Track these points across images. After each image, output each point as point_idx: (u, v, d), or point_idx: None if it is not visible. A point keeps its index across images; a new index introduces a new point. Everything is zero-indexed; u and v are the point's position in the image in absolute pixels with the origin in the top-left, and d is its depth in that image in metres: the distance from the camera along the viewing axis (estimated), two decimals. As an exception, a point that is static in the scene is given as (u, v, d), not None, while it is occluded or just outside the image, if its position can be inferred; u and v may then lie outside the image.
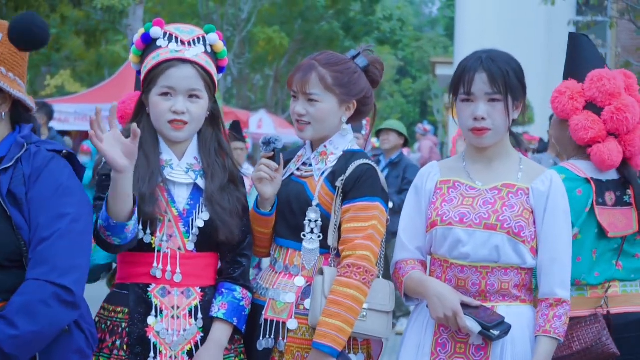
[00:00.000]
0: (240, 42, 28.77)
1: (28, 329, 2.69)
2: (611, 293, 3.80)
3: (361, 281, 3.21)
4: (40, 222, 2.79)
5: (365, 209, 3.29)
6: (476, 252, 3.24)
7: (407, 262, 3.40)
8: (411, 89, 54.38)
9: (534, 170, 3.37)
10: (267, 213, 3.41)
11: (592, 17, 12.30)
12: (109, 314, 3.29)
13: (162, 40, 3.29)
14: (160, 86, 3.25)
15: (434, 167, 3.47)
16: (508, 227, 3.22)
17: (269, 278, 3.44)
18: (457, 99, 3.32)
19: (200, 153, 3.36)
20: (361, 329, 3.28)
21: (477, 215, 3.25)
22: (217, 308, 3.29)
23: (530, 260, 3.27)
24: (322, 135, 3.43)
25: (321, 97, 3.36)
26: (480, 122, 3.26)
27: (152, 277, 3.25)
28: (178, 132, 3.27)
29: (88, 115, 14.94)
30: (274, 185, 3.39)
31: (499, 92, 3.24)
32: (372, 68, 3.47)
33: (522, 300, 3.31)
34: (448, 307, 3.19)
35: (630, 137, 3.84)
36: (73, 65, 30.65)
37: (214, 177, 3.32)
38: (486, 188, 3.32)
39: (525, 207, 3.27)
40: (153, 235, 3.24)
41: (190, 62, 3.28)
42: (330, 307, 3.19)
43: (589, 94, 3.88)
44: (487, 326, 3.14)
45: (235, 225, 3.32)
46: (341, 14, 31.24)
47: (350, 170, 3.32)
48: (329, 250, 3.33)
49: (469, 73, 3.26)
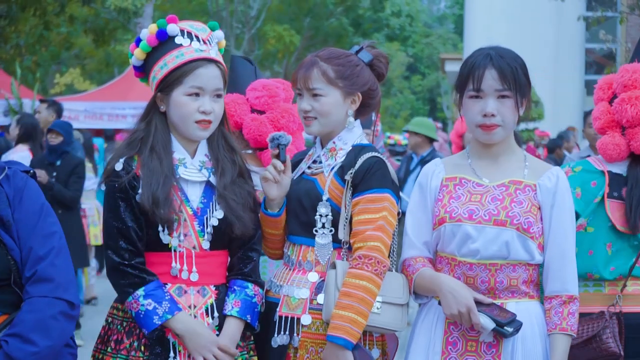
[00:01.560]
0: (249, 39, 28.78)
1: (45, 344, 2.86)
2: (632, 291, 3.76)
3: (373, 272, 3.21)
4: (33, 242, 2.92)
5: (375, 200, 3.29)
6: (486, 248, 3.24)
7: (417, 260, 3.39)
8: (420, 86, 54.26)
9: (539, 167, 3.37)
10: (275, 214, 3.42)
11: (602, 13, 12.28)
12: (125, 314, 3.28)
13: (182, 38, 3.27)
14: (189, 86, 3.24)
15: (438, 164, 3.45)
16: (517, 223, 3.22)
17: (282, 275, 3.44)
18: (465, 95, 3.31)
19: (210, 150, 3.37)
20: (376, 322, 3.27)
21: (486, 212, 3.25)
22: (230, 306, 3.30)
23: (538, 256, 3.27)
24: (329, 130, 3.43)
25: (324, 91, 3.37)
26: (490, 118, 3.25)
27: (169, 277, 3.26)
28: (204, 131, 3.29)
29: (98, 113, 14.99)
30: (280, 187, 3.39)
31: (509, 89, 3.24)
32: (376, 62, 3.48)
33: (530, 296, 3.31)
34: (462, 303, 3.18)
35: (633, 131, 3.77)
36: (82, 63, 30.72)
37: (224, 173, 3.33)
38: (493, 185, 3.32)
39: (533, 203, 3.27)
40: (170, 235, 3.25)
41: (215, 61, 3.29)
42: (342, 299, 3.19)
43: (614, 86, 3.87)
44: (501, 323, 3.14)
45: (249, 219, 3.33)
46: (350, 11, 31.23)
47: (359, 163, 3.32)
48: (341, 244, 3.34)
49: (479, 69, 3.25)
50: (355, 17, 31.73)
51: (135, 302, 3.17)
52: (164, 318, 3.15)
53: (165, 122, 3.32)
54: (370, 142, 3.56)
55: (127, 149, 3.29)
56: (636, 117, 3.73)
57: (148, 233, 3.24)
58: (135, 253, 3.21)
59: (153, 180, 3.19)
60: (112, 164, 3.25)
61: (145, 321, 3.16)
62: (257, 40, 29.51)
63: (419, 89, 54.80)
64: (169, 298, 3.19)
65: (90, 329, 8.18)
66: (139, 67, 3.38)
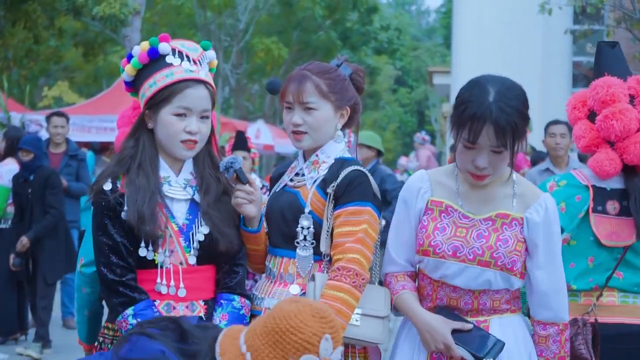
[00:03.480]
0: (238, 52, 28.80)
1: None
2: (608, 302, 3.78)
3: (351, 284, 3.20)
4: None
5: (355, 213, 3.29)
6: (467, 285, 3.23)
7: (397, 278, 3.38)
8: (408, 98, 54.40)
9: (528, 196, 3.29)
10: (255, 230, 3.42)
11: (589, 26, 12.34)
12: (115, 333, 3.31)
13: (173, 57, 3.28)
14: (177, 106, 3.25)
15: (424, 180, 3.36)
16: (502, 264, 3.20)
17: (264, 288, 3.44)
18: (459, 138, 3.18)
19: (195, 168, 3.38)
20: (355, 334, 3.26)
21: (471, 250, 3.21)
22: (218, 320, 3.30)
23: (517, 284, 3.28)
24: (319, 144, 3.44)
25: (318, 105, 3.38)
26: (482, 170, 3.19)
27: (156, 294, 3.27)
28: (189, 151, 3.30)
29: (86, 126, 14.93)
30: (256, 204, 3.38)
31: (505, 146, 3.13)
32: (355, 76, 3.50)
33: (512, 310, 3.32)
34: (439, 341, 3.19)
35: (624, 144, 3.80)
36: (71, 76, 30.68)
37: (208, 191, 3.34)
38: (480, 218, 3.27)
39: (518, 239, 3.23)
40: (155, 252, 3.25)
41: (204, 82, 3.30)
42: None
43: (589, 102, 3.89)
44: (480, 356, 3.15)
45: (234, 235, 3.34)
46: (338, 24, 31.27)
47: (342, 176, 3.33)
48: (322, 257, 3.33)
49: (477, 123, 3.09)
50: (343, 31, 31.77)
51: (124, 321, 3.18)
52: None
53: (153, 139, 3.33)
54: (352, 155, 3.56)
55: (116, 167, 3.30)
56: (624, 130, 3.76)
57: (136, 250, 3.25)
58: (127, 269, 3.22)
59: (139, 196, 3.20)
60: (102, 183, 3.26)
61: None
62: (246, 53, 29.52)
63: (406, 102, 54.93)
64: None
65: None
66: (129, 83, 3.39)
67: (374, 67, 35.95)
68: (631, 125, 3.77)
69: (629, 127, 3.76)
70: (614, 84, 3.83)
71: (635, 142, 3.78)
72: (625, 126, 3.76)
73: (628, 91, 3.85)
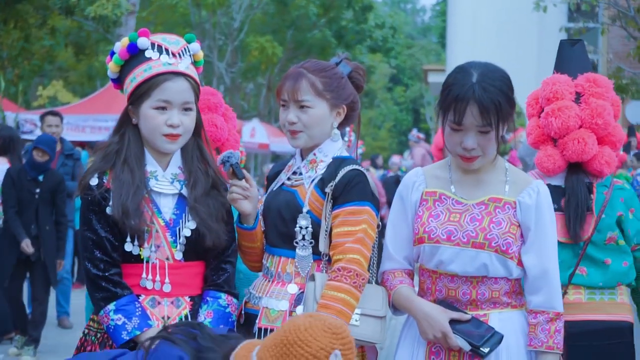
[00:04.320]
0: (232, 51, 28.78)
1: None
2: (574, 299, 3.79)
3: (352, 284, 3.20)
4: None
5: (354, 213, 3.28)
6: (464, 270, 3.23)
7: (395, 274, 3.39)
8: (404, 97, 54.42)
9: (520, 182, 3.32)
10: (250, 227, 3.41)
11: (584, 24, 12.35)
12: (99, 326, 3.31)
13: (152, 51, 3.29)
14: (156, 100, 3.26)
15: (419, 174, 3.41)
16: (496, 245, 3.20)
17: (261, 287, 3.43)
18: (446, 120, 3.22)
19: (183, 162, 3.37)
20: (355, 334, 3.21)
21: (465, 233, 3.22)
22: (203, 317, 3.31)
23: (516, 272, 3.26)
24: (314, 143, 3.43)
25: (313, 103, 3.37)
26: (470, 151, 3.21)
27: (141, 289, 3.27)
28: (172, 144, 3.30)
29: (80, 125, 14.92)
30: (251, 200, 3.38)
31: (490, 125, 3.16)
32: (354, 74, 3.49)
33: (512, 306, 3.30)
34: (437, 329, 3.19)
35: (564, 141, 3.85)
36: (65, 75, 30.64)
37: (196, 185, 3.34)
38: (473, 203, 3.28)
39: (512, 222, 3.24)
40: (141, 246, 3.25)
41: (183, 74, 3.30)
42: (320, 311, 3.17)
43: (540, 100, 3.96)
44: (477, 345, 3.14)
45: (222, 231, 3.34)
46: (333, 22, 31.25)
47: (340, 176, 3.32)
48: (321, 256, 3.33)
49: (461, 103, 3.14)
50: (338, 29, 31.75)
51: (106, 316, 3.19)
52: (133, 334, 3.17)
53: (138, 134, 3.34)
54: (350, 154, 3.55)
55: (102, 162, 3.31)
56: (562, 127, 3.81)
57: (122, 245, 3.25)
58: (110, 264, 3.23)
59: (123, 191, 3.21)
60: (88, 178, 3.27)
61: (115, 336, 3.18)
62: (240, 52, 29.51)
63: (402, 100, 54.92)
64: (140, 314, 3.20)
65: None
66: (116, 80, 3.40)
67: (369, 66, 35.93)
68: (569, 122, 3.80)
69: (567, 124, 3.80)
70: (559, 81, 3.88)
71: (574, 138, 3.82)
72: (563, 123, 3.81)
73: (575, 89, 3.88)
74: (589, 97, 3.87)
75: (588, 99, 3.87)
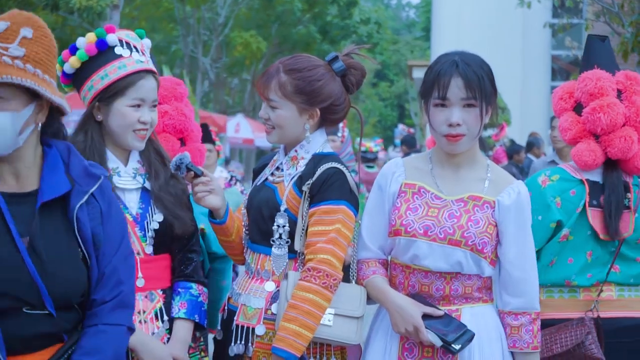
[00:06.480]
0: (217, 46, 28.74)
1: None
2: (606, 297, 3.78)
3: (321, 285, 3.17)
4: (118, 262, 2.70)
5: (329, 212, 3.25)
6: (438, 266, 3.21)
7: (369, 264, 3.36)
8: (389, 92, 54.47)
9: (501, 181, 3.31)
10: (221, 221, 3.41)
11: (568, 20, 12.38)
12: None
13: (122, 48, 3.28)
14: (132, 98, 3.27)
15: (399, 165, 3.39)
16: (472, 244, 3.18)
17: (242, 283, 3.42)
18: (430, 102, 3.23)
19: (141, 156, 3.39)
20: (327, 335, 3.23)
21: (442, 230, 3.20)
22: (177, 308, 3.33)
23: (488, 272, 3.26)
24: (288, 140, 3.40)
25: (279, 104, 3.33)
26: (456, 128, 3.19)
27: None
28: (141, 141, 3.32)
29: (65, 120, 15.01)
30: (216, 193, 3.38)
31: (475, 97, 3.17)
32: (347, 73, 3.42)
33: (484, 300, 3.29)
34: (409, 322, 3.17)
35: (609, 137, 3.80)
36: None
37: (158, 175, 3.37)
38: (452, 199, 3.26)
39: (490, 221, 3.23)
40: None
41: (152, 72, 3.33)
42: (289, 311, 3.16)
43: (576, 94, 3.89)
44: (448, 341, 3.12)
45: (187, 217, 3.37)
46: (318, 18, 31.23)
47: (318, 174, 3.28)
48: (297, 255, 3.31)
49: (444, 77, 3.17)
50: (323, 25, 31.73)
51: None
52: None
53: (101, 131, 3.33)
54: (335, 150, 3.52)
55: None
56: (610, 124, 3.76)
57: None
58: None
59: None
60: None
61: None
62: (225, 47, 29.46)
63: (387, 96, 54.98)
64: None
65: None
66: (69, 75, 3.36)
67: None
68: (617, 120, 3.77)
69: (615, 121, 3.76)
70: (602, 77, 3.83)
71: (621, 136, 3.78)
72: (612, 120, 3.76)
73: (616, 85, 3.85)
74: (631, 94, 3.85)
75: (631, 97, 3.84)
